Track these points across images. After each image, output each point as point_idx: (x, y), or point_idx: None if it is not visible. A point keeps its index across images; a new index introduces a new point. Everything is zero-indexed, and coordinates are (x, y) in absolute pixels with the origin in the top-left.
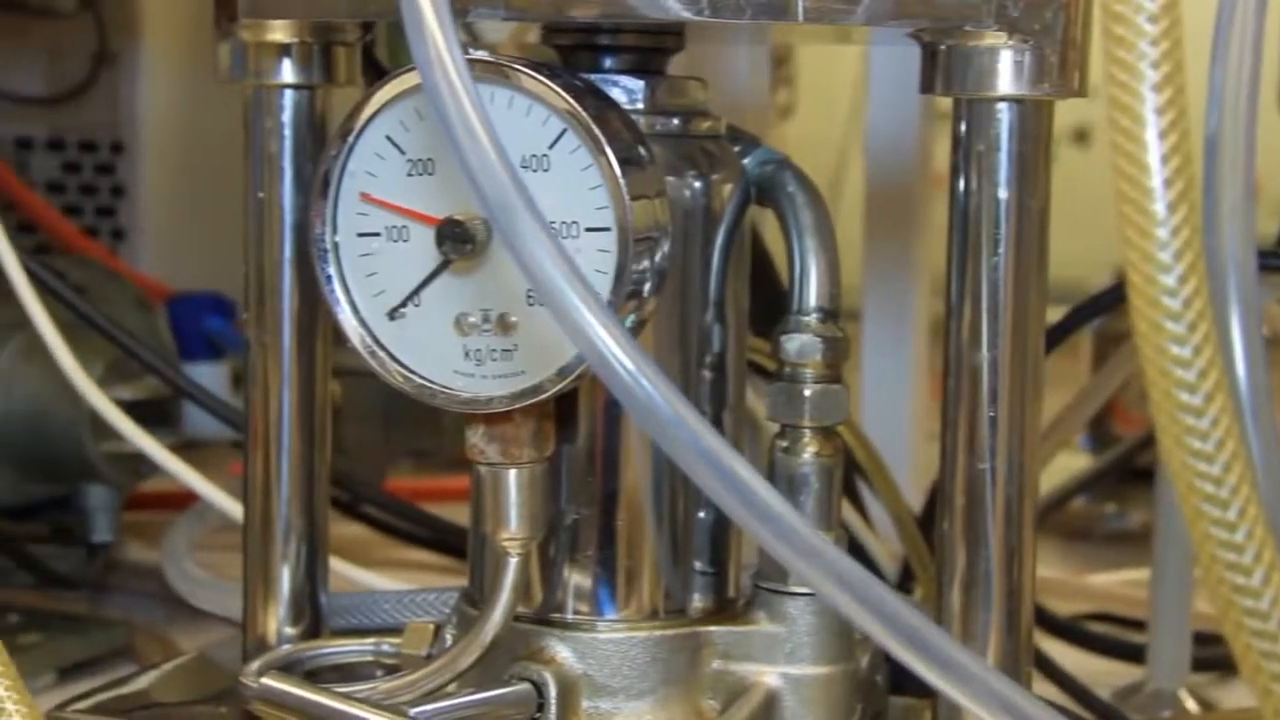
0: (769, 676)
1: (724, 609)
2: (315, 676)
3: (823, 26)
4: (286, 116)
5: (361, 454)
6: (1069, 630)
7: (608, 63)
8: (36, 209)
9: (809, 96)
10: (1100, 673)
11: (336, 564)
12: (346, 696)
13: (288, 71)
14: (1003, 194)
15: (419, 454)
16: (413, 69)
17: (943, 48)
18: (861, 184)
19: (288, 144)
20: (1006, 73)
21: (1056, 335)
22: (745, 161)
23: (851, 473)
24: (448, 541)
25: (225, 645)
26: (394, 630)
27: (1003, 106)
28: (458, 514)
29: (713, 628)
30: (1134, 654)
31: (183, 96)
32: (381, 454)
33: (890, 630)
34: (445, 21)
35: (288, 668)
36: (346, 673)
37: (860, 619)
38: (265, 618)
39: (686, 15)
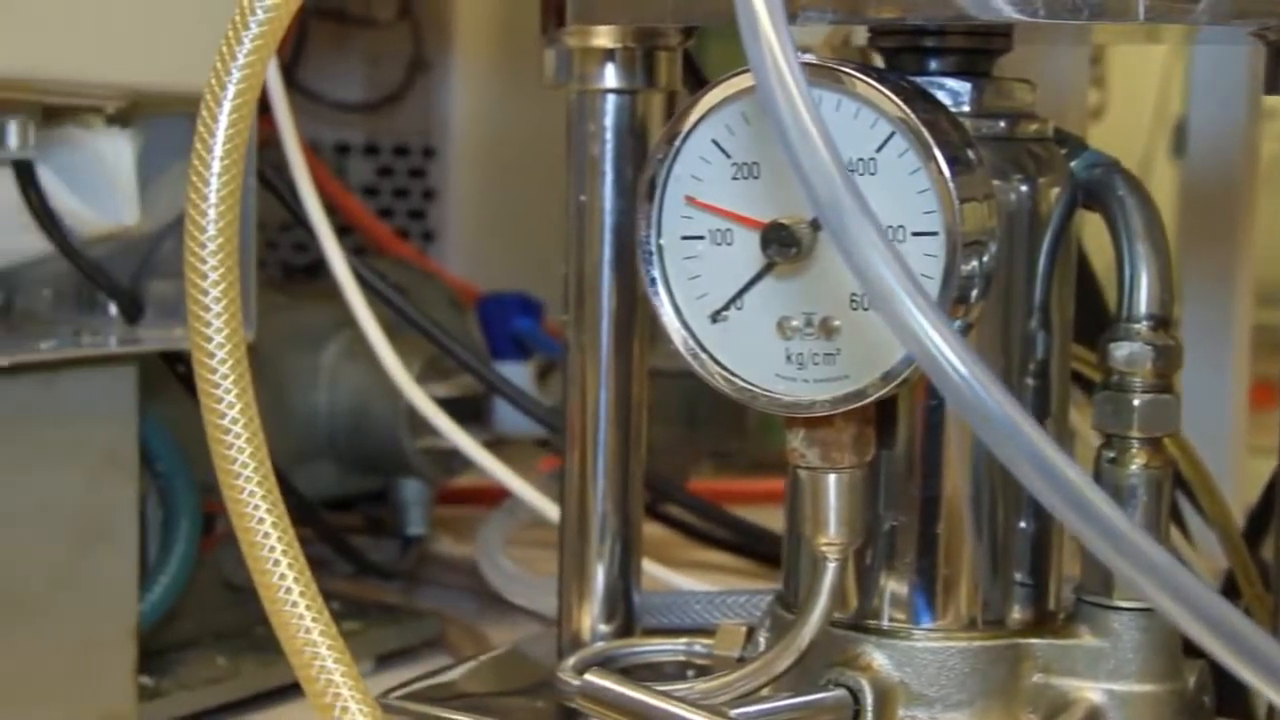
0: (1092, 692)
1: (1044, 621)
2: (627, 675)
3: (1141, 25)
4: (608, 121)
5: (665, 455)
6: None
7: (933, 64)
8: (354, 212)
9: (1115, 97)
10: None
11: (644, 563)
12: (667, 695)
13: (611, 76)
14: None
15: (721, 455)
16: (739, 74)
17: None
18: (1168, 186)
19: (609, 148)
20: None
21: None
22: (1073, 164)
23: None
24: (749, 544)
25: (537, 640)
26: (704, 631)
27: None
28: (759, 516)
29: (1033, 640)
30: None
31: (492, 102)
32: (684, 455)
33: (1230, 646)
34: (780, 26)
35: (602, 664)
36: (655, 671)
37: (1198, 633)
38: (580, 614)
39: (1018, 17)
